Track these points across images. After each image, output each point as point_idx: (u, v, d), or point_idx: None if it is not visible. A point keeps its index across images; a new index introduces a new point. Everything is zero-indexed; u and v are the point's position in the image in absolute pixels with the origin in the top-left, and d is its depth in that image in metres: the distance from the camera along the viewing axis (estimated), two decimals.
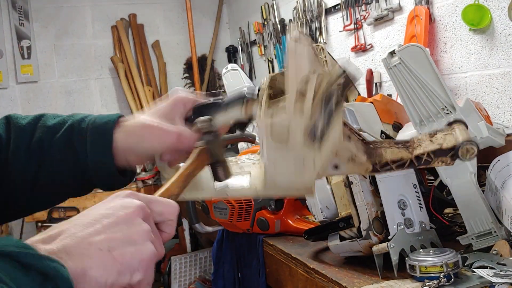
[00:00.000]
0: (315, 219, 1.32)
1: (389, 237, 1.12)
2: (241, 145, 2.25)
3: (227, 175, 0.69)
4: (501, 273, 0.99)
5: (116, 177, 0.81)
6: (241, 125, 0.76)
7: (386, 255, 1.11)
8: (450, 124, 0.66)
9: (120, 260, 0.52)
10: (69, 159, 0.80)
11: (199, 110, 0.77)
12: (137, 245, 0.54)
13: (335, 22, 2.64)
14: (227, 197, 0.71)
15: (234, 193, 0.69)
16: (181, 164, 0.73)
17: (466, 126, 0.67)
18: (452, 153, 0.63)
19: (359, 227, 1.16)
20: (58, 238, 0.51)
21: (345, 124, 0.63)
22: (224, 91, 3.40)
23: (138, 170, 3.13)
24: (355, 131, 0.64)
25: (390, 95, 2.11)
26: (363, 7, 2.37)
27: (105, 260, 0.52)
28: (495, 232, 1.11)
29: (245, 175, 0.70)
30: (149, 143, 0.78)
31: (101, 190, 0.84)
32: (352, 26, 2.47)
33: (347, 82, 0.60)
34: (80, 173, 0.81)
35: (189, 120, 0.77)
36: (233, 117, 0.74)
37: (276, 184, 0.64)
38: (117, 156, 0.80)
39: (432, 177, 1.41)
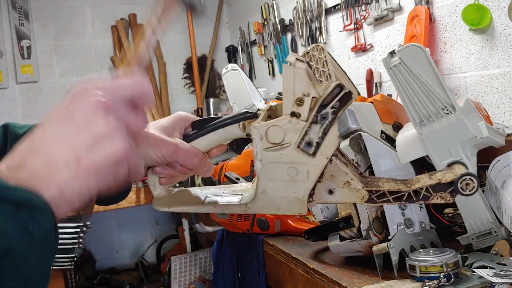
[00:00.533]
0: (315, 219, 1.32)
1: (389, 237, 1.12)
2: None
3: None
4: (501, 273, 0.99)
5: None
6: (239, 142, 0.76)
7: (386, 255, 1.11)
8: (449, 165, 0.66)
9: (93, 167, 0.50)
10: None
11: (198, 124, 0.76)
12: (105, 144, 0.50)
13: (335, 22, 2.64)
14: (214, 211, 0.69)
15: (222, 208, 0.68)
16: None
17: (466, 167, 0.66)
18: (451, 188, 0.62)
19: (359, 227, 1.16)
20: (24, 164, 0.49)
21: (342, 154, 0.63)
22: (224, 91, 3.40)
23: None
24: (352, 162, 0.64)
25: (390, 95, 2.11)
26: (363, 7, 2.37)
27: (77, 173, 0.49)
28: (495, 232, 1.11)
29: (237, 196, 0.69)
30: (143, 150, 0.72)
31: None
32: (352, 26, 2.47)
33: (345, 99, 0.61)
34: None
35: (187, 137, 0.76)
36: (231, 133, 0.73)
37: (267, 195, 0.62)
38: None
39: None
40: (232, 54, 4.03)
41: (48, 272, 0.49)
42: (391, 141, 1.24)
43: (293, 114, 0.61)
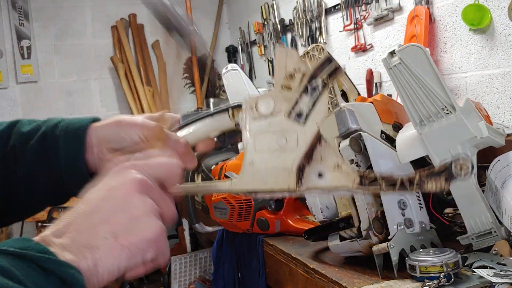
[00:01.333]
0: (315, 219, 1.32)
1: (389, 237, 1.12)
2: (241, 145, 2.25)
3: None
4: (501, 273, 0.99)
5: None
6: (229, 134, 0.74)
7: (386, 255, 1.11)
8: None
9: (128, 245, 0.52)
10: (43, 167, 0.78)
11: (187, 117, 0.76)
12: (141, 224, 0.53)
13: (335, 22, 2.64)
14: (198, 191, 0.67)
15: (206, 187, 0.66)
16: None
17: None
18: (445, 174, 0.60)
19: (359, 227, 1.16)
20: (67, 232, 0.51)
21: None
22: (224, 91, 3.40)
23: None
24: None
25: (390, 95, 2.11)
26: (363, 7, 2.37)
27: (113, 249, 0.52)
28: (495, 232, 1.11)
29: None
30: (127, 132, 0.74)
31: None
32: (352, 26, 2.47)
33: (333, 69, 0.61)
34: (55, 180, 0.78)
35: (175, 128, 0.75)
36: (220, 123, 0.71)
37: (254, 168, 0.60)
38: (91, 159, 0.77)
39: None
40: (232, 54, 4.03)
41: None
42: (391, 141, 1.24)
43: (284, 87, 0.61)
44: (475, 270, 1.03)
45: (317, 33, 2.78)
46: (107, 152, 0.76)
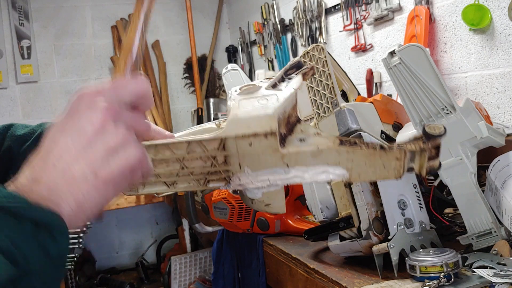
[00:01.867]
0: (315, 219, 1.32)
1: (389, 237, 1.12)
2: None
3: None
4: (501, 273, 0.99)
5: None
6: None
7: (386, 255, 1.11)
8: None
9: (110, 178, 0.51)
10: None
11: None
12: (120, 153, 0.52)
13: (335, 22, 2.64)
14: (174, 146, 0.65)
15: (196, 144, 0.65)
16: None
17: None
18: (422, 138, 0.64)
19: (359, 227, 1.16)
20: (43, 179, 0.49)
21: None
22: (224, 91, 3.40)
23: None
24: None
25: (390, 95, 2.11)
26: (363, 7, 2.37)
27: (95, 186, 0.50)
28: (495, 232, 1.11)
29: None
30: None
31: None
32: (352, 26, 2.47)
33: (301, 70, 0.69)
34: None
35: None
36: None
37: (238, 117, 0.63)
38: None
39: (432, 177, 1.41)
40: (232, 54, 4.03)
41: (58, 287, 0.50)
42: (391, 141, 1.24)
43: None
44: (475, 270, 1.04)
45: (317, 33, 2.78)
46: None
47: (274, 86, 0.68)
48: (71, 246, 0.50)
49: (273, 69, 3.43)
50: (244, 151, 0.63)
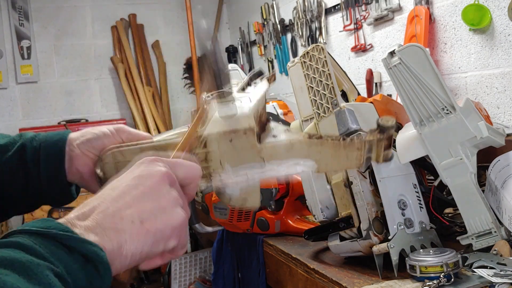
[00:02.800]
0: (315, 219, 1.32)
1: (389, 237, 1.12)
2: None
3: None
4: (501, 273, 0.99)
5: (67, 193, 0.82)
6: None
7: (386, 255, 1.11)
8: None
9: (153, 231, 0.54)
10: (20, 177, 0.81)
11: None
12: (167, 213, 0.55)
13: (335, 22, 2.64)
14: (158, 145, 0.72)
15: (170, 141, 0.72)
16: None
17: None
18: (377, 130, 0.70)
19: (359, 227, 1.16)
20: (92, 215, 0.53)
21: None
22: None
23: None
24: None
25: (390, 95, 2.11)
26: (363, 7, 2.37)
27: (138, 233, 0.53)
28: (495, 232, 1.11)
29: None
30: (99, 129, 0.81)
31: None
32: (352, 26, 2.47)
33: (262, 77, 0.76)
34: (31, 190, 0.81)
35: None
36: None
37: (217, 118, 0.70)
38: (71, 168, 0.81)
39: (432, 177, 1.41)
40: (232, 54, 4.03)
41: None
42: None
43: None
44: (475, 270, 1.03)
45: (317, 33, 2.78)
46: (92, 149, 0.80)
47: (243, 89, 0.74)
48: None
49: (273, 70, 3.44)
50: (224, 148, 0.69)
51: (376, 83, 2.31)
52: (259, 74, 0.78)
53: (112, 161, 0.75)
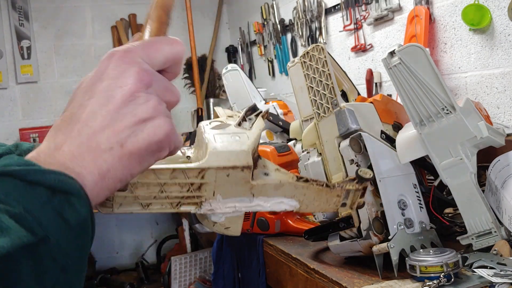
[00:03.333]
0: (315, 219, 1.32)
1: (389, 237, 1.12)
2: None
3: None
4: (501, 273, 0.99)
5: None
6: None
7: (386, 255, 1.11)
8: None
9: (137, 152, 0.48)
10: None
11: None
12: (149, 126, 0.48)
13: (335, 22, 2.64)
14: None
15: (178, 172, 0.71)
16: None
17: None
18: (355, 180, 0.77)
19: (359, 227, 1.16)
20: (66, 147, 0.46)
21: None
22: (224, 91, 3.40)
23: None
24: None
25: (390, 95, 2.11)
26: (363, 7, 2.37)
27: (121, 158, 0.47)
28: (495, 232, 1.11)
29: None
30: None
31: None
32: (352, 26, 2.47)
33: (260, 112, 0.80)
34: None
35: None
36: None
37: (217, 151, 0.71)
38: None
39: (432, 177, 1.41)
40: (232, 54, 4.03)
41: (85, 262, 0.48)
42: (391, 141, 1.24)
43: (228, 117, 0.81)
44: (475, 270, 1.04)
45: (317, 33, 2.79)
46: None
47: (239, 124, 0.79)
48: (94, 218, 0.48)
49: (273, 70, 3.44)
50: (221, 181, 0.72)
51: (376, 83, 2.31)
52: (254, 109, 0.82)
53: None
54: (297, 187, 0.78)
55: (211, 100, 3.98)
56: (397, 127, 1.32)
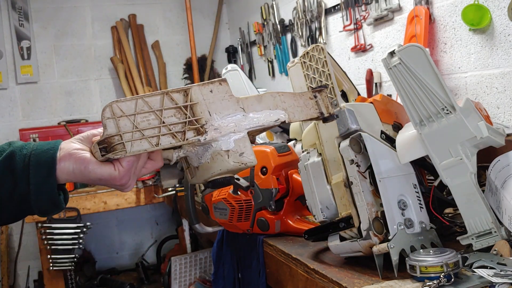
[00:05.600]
0: (315, 219, 1.32)
1: (389, 237, 1.12)
2: None
3: None
4: (501, 273, 0.99)
5: (55, 202, 0.82)
6: None
7: (386, 255, 1.11)
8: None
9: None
10: (8, 185, 0.80)
11: None
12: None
13: (335, 22, 2.64)
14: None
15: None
16: None
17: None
18: (316, 88, 0.96)
19: (359, 227, 1.16)
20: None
21: None
22: None
23: None
24: None
25: (390, 95, 2.11)
26: (363, 7, 2.37)
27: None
28: (495, 232, 1.11)
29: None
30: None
31: (101, 191, 0.89)
32: (352, 26, 2.47)
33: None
34: (18, 198, 0.80)
35: None
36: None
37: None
38: (61, 168, 0.81)
39: (432, 177, 1.41)
40: (232, 55, 4.03)
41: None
42: (391, 141, 1.24)
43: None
44: (475, 270, 1.03)
45: (317, 33, 2.79)
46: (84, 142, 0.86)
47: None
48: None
49: (273, 70, 3.44)
50: (208, 98, 0.80)
51: (376, 83, 2.31)
52: None
53: (111, 116, 0.79)
54: (273, 95, 0.87)
55: None
56: (397, 127, 1.32)
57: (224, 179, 0.83)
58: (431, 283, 1.00)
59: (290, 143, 1.86)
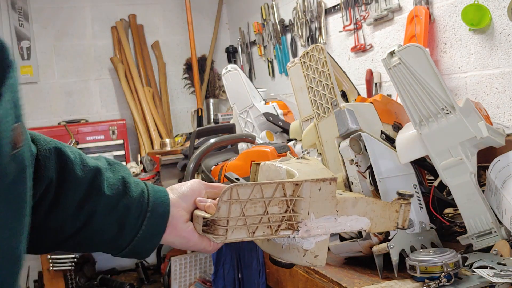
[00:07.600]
0: None
1: (389, 237, 1.12)
2: (241, 146, 2.25)
3: None
4: (501, 273, 0.99)
5: (149, 251, 0.87)
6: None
7: (386, 255, 1.11)
8: None
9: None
10: (113, 234, 0.84)
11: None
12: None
13: (335, 22, 2.64)
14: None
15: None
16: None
17: None
18: (400, 198, 0.90)
19: None
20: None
21: None
22: (224, 92, 3.40)
23: (138, 171, 3.13)
24: None
25: (390, 95, 2.11)
26: (363, 7, 2.37)
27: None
28: (495, 232, 1.11)
29: None
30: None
31: None
32: (352, 26, 2.47)
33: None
34: (117, 247, 0.86)
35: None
36: None
37: (305, 171, 0.83)
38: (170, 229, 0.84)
39: (432, 177, 1.41)
40: (232, 55, 4.03)
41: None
42: (391, 141, 1.24)
43: None
44: (475, 270, 1.03)
45: (317, 33, 2.79)
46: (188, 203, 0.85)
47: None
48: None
49: (273, 70, 3.44)
50: (314, 196, 0.77)
51: (376, 83, 2.31)
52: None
53: (228, 199, 0.76)
54: (368, 202, 0.84)
55: (211, 100, 3.98)
56: (397, 127, 1.32)
57: (285, 263, 0.84)
58: (431, 283, 1.00)
59: (290, 143, 1.86)
